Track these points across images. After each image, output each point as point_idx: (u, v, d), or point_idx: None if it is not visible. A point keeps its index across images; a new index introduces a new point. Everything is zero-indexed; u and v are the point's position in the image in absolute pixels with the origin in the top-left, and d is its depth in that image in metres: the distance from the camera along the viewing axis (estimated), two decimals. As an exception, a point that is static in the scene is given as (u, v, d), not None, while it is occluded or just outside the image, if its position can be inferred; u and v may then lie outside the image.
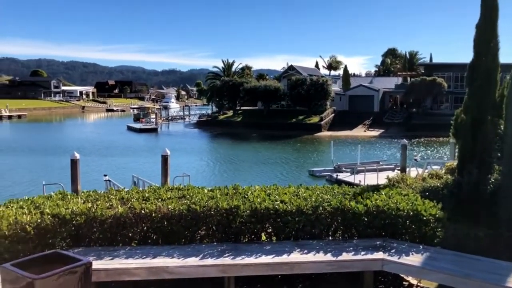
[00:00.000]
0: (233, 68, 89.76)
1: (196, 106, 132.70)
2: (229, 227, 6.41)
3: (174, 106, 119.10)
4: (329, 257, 5.85)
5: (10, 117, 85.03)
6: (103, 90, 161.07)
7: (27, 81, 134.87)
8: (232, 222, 6.37)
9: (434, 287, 6.29)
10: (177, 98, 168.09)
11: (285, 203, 6.53)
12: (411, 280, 6.60)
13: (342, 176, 25.16)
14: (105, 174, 19.73)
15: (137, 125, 63.45)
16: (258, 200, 6.53)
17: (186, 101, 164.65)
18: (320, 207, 6.49)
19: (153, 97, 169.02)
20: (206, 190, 7.31)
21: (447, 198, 7.38)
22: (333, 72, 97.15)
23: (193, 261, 5.63)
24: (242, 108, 69.09)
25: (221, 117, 67.59)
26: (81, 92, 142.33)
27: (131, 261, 5.56)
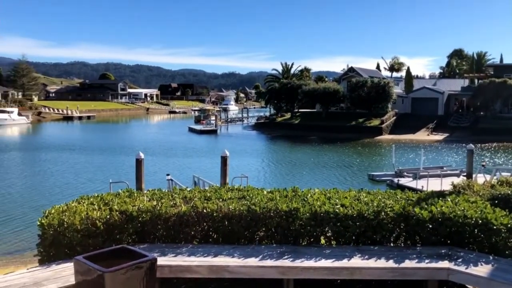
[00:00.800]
0: (292, 71, 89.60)
1: (254, 108, 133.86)
2: (288, 229, 6.41)
3: (233, 108, 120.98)
4: (391, 263, 5.69)
5: (80, 118, 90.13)
6: (166, 92, 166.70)
7: (96, 83, 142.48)
8: (291, 225, 6.36)
9: (505, 300, 5.94)
10: (236, 100, 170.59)
11: (345, 207, 6.44)
12: (479, 292, 6.27)
13: (404, 181, 24.38)
14: (167, 174, 20.39)
15: (198, 127, 65.00)
16: (318, 203, 6.48)
17: (244, 103, 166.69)
18: (382, 212, 6.34)
19: (213, 99, 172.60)
20: (265, 192, 7.35)
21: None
22: (395, 74, 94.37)
23: (253, 261, 5.68)
24: (300, 110, 68.79)
25: (279, 119, 67.69)
26: (145, 95, 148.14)
27: (193, 259, 5.71)
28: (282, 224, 6.38)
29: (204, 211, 6.33)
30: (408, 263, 5.69)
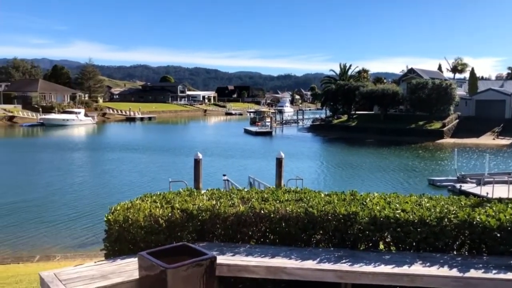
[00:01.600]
0: (349, 72, 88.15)
1: (309, 110, 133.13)
2: (346, 233, 6.32)
3: (288, 110, 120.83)
4: (454, 272, 5.47)
5: (142, 119, 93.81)
6: (223, 94, 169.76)
7: (157, 86, 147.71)
8: (349, 229, 6.27)
9: None
10: (292, 102, 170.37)
11: (406, 212, 6.26)
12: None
13: (467, 187, 23.29)
14: (224, 174, 20.75)
15: (253, 128, 65.57)
16: (378, 208, 6.35)
17: (300, 105, 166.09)
18: (445, 219, 6.10)
19: (268, 101, 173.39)
20: (322, 195, 7.29)
21: None
22: (458, 75, 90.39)
23: (310, 264, 5.66)
24: (357, 112, 67.59)
25: (335, 121, 66.88)
26: (203, 97, 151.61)
27: (251, 259, 5.77)
28: (340, 227, 6.30)
29: (262, 212, 6.38)
30: (473, 273, 5.44)
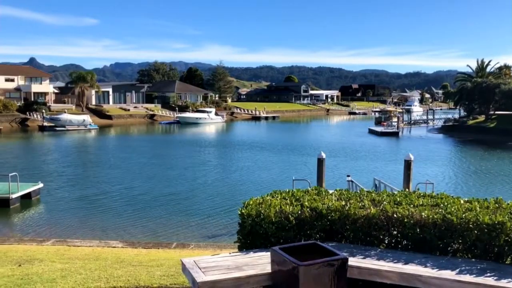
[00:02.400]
0: (488, 68, 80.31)
1: (441, 109, 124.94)
2: (490, 244, 5.78)
3: (417, 110, 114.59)
4: None
5: (266, 118, 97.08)
6: (346, 93, 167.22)
7: (281, 86, 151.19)
8: (494, 240, 5.72)
9: None
10: (421, 101, 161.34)
11: None
12: None
13: None
14: (348, 175, 20.36)
15: (378, 128, 63.46)
16: (529, 219, 5.69)
17: (430, 104, 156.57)
18: None
19: (395, 100, 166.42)
20: (462, 201, 6.76)
21: None
22: None
23: (448, 274, 5.28)
24: (496, 112, 61.45)
25: (470, 122, 61.74)
26: (326, 96, 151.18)
27: (383, 263, 5.58)
28: (482, 238, 5.78)
29: (394, 215, 6.13)
30: None
